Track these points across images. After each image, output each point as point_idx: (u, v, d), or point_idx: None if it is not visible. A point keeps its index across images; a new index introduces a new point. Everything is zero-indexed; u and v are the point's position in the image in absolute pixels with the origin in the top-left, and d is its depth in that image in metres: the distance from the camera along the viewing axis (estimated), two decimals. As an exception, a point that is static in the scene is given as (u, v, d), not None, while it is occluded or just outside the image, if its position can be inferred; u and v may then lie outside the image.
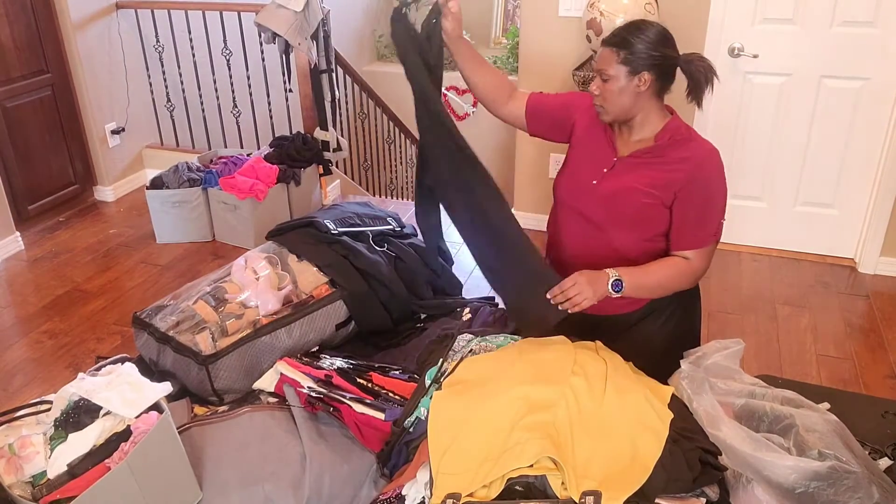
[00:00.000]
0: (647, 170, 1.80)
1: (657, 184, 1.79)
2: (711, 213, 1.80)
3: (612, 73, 1.74)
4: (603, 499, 1.33)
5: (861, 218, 3.33)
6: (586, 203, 1.88)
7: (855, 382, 2.59)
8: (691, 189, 1.77)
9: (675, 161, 1.78)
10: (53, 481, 1.56)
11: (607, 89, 1.76)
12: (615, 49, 1.73)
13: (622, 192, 1.81)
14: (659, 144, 1.80)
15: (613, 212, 1.84)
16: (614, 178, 1.83)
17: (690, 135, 1.83)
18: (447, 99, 6.08)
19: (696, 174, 1.77)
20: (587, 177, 1.87)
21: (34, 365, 2.75)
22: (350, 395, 1.87)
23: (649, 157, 1.80)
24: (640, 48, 1.72)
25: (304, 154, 3.85)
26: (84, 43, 3.97)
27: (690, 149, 1.79)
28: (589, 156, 1.90)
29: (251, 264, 2.34)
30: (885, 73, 3.07)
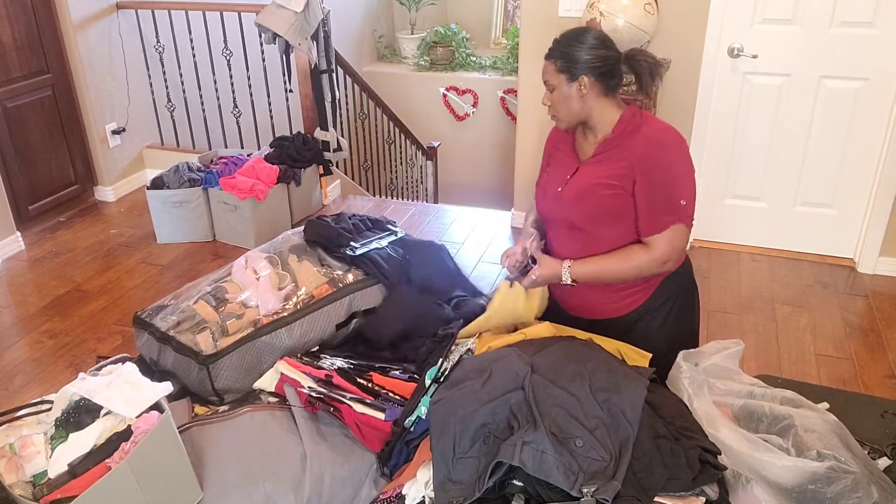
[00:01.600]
0: (607, 163, 1.84)
1: (616, 174, 1.81)
2: (670, 194, 1.79)
3: (553, 83, 1.83)
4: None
5: (860, 218, 3.34)
6: (559, 211, 1.94)
7: (854, 382, 2.59)
8: (645, 172, 1.78)
9: (630, 149, 1.81)
10: (54, 481, 1.56)
11: (553, 98, 1.86)
12: (552, 60, 1.83)
13: (585, 191, 1.85)
14: (615, 135, 1.84)
15: (585, 212, 1.87)
16: (576, 181, 1.89)
17: (643, 120, 1.84)
18: (447, 99, 6.08)
19: (648, 156, 1.78)
20: (554, 186, 1.95)
21: (35, 365, 2.76)
22: (350, 395, 1.87)
23: (608, 151, 1.85)
24: (574, 55, 1.80)
25: (305, 154, 3.85)
26: (84, 43, 3.97)
27: (642, 133, 1.81)
28: (555, 168, 1.99)
29: (251, 264, 2.34)
30: (885, 73, 3.07)
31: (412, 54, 6.34)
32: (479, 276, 3.33)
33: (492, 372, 1.67)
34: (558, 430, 1.48)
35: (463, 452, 1.52)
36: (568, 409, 1.53)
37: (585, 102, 1.83)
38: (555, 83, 1.83)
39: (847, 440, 1.57)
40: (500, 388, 1.61)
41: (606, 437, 1.48)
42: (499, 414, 1.55)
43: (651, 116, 1.89)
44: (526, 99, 3.63)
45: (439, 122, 6.16)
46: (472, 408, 1.58)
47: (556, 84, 1.83)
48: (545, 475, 1.41)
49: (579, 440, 1.46)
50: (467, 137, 6.17)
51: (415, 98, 6.13)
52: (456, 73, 6.09)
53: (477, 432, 1.54)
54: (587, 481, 1.39)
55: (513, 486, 1.46)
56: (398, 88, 6.12)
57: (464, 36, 6.22)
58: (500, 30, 6.51)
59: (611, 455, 1.45)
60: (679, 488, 1.45)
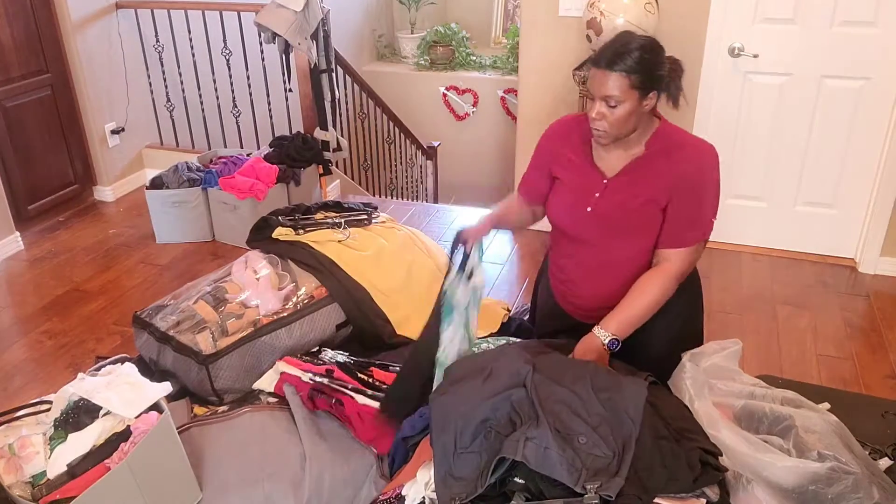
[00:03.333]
0: (640, 181, 1.78)
1: (651, 193, 1.77)
2: (703, 213, 1.79)
3: (622, 99, 1.66)
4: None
5: (861, 218, 3.33)
6: (585, 230, 1.87)
7: (855, 382, 2.59)
8: (685, 189, 1.75)
9: (667, 167, 1.76)
10: (53, 481, 1.56)
11: (615, 115, 1.68)
12: (627, 74, 1.64)
13: (618, 211, 1.81)
14: (649, 152, 1.78)
15: (613, 230, 1.83)
16: (607, 200, 1.82)
17: (683, 139, 1.80)
18: (447, 99, 6.08)
19: (690, 174, 1.75)
20: (581, 205, 1.85)
21: (34, 365, 2.75)
22: (352, 386, 1.87)
23: (642, 168, 1.78)
24: (654, 69, 1.66)
25: (304, 154, 3.85)
26: (84, 43, 3.96)
27: (686, 149, 1.77)
28: (577, 184, 1.87)
29: (251, 264, 2.34)
30: (885, 73, 3.07)
31: (412, 54, 6.34)
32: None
33: (492, 370, 1.67)
34: (561, 426, 1.48)
35: (464, 448, 1.52)
36: (570, 406, 1.53)
37: (642, 118, 1.73)
38: (624, 99, 1.66)
39: (848, 441, 1.57)
40: (501, 385, 1.60)
41: (609, 435, 1.47)
42: (500, 410, 1.55)
43: (685, 131, 1.83)
44: (526, 98, 3.62)
45: (439, 121, 6.15)
46: (473, 403, 1.58)
47: (625, 100, 1.66)
48: (548, 471, 1.41)
49: (582, 437, 1.46)
50: (467, 137, 6.16)
51: (415, 98, 6.13)
52: (456, 72, 6.08)
53: (478, 427, 1.53)
54: (590, 478, 1.39)
55: (514, 483, 1.46)
56: (398, 88, 6.12)
57: (464, 35, 6.21)
58: (500, 29, 6.50)
59: (614, 452, 1.44)
60: (680, 489, 1.44)
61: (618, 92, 1.65)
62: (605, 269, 1.89)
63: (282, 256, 2.36)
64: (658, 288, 1.78)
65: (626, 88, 1.65)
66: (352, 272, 2.28)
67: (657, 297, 1.79)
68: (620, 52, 1.65)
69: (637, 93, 1.66)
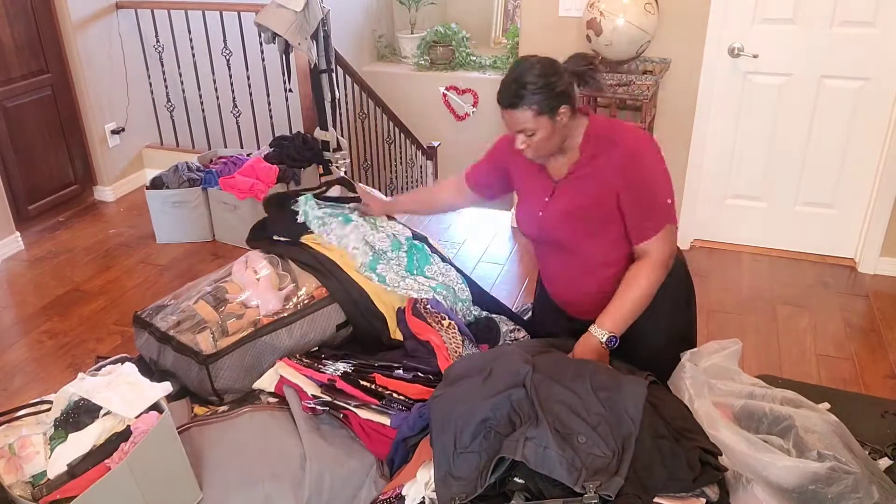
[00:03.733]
0: (584, 183, 1.82)
1: (598, 192, 1.80)
2: (655, 199, 1.80)
3: (533, 128, 1.72)
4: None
5: (861, 218, 3.33)
6: (544, 233, 1.93)
7: (855, 382, 2.59)
8: (628, 185, 1.78)
9: (606, 166, 1.79)
10: (53, 481, 1.56)
11: (536, 141, 1.75)
12: (525, 107, 1.69)
13: (569, 213, 1.85)
14: (585, 156, 1.82)
15: (571, 231, 1.87)
16: (556, 203, 1.87)
17: (612, 133, 1.81)
18: (447, 99, 6.07)
19: (629, 169, 1.77)
20: (534, 210, 1.92)
21: (34, 365, 2.75)
22: (355, 403, 1.87)
23: (583, 171, 1.82)
24: (548, 91, 1.69)
25: (304, 154, 3.85)
26: (84, 43, 3.96)
27: (617, 147, 1.79)
28: (530, 190, 1.95)
29: (252, 264, 2.34)
30: (885, 73, 3.07)
31: (412, 54, 6.34)
32: (479, 276, 3.32)
33: (492, 370, 1.67)
34: (561, 426, 1.48)
35: (464, 447, 1.52)
36: (570, 405, 1.53)
37: (564, 129, 1.77)
38: (535, 127, 1.72)
39: (848, 440, 1.57)
40: (501, 385, 1.61)
41: (609, 434, 1.48)
42: (500, 410, 1.55)
43: (616, 123, 1.86)
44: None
45: (439, 121, 6.15)
46: (472, 403, 1.58)
47: (538, 127, 1.72)
48: (548, 470, 1.41)
49: (582, 436, 1.46)
50: (467, 137, 6.16)
51: (415, 98, 6.13)
52: (456, 72, 6.08)
53: (478, 427, 1.53)
54: (590, 477, 1.39)
55: (514, 483, 1.46)
56: (398, 88, 6.12)
57: (464, 35, 6.21)
58: (500, 29, 6.50)
59: (613, 452, 1.45)
60: (679, 489, 1.45)
61: (529, 125, 1.72)
62: (579, 267, 1.93)
63: (282, 256, 2.36)
64: (645, 279, 1.80)
65: (533, 118, 1.71)
66: (353, 273, 2.28)
67: (646, 288, 1.81)
68: (515, 89, 1.70)
69: (546, 116, 1.71)
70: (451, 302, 2.34)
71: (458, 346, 2.09)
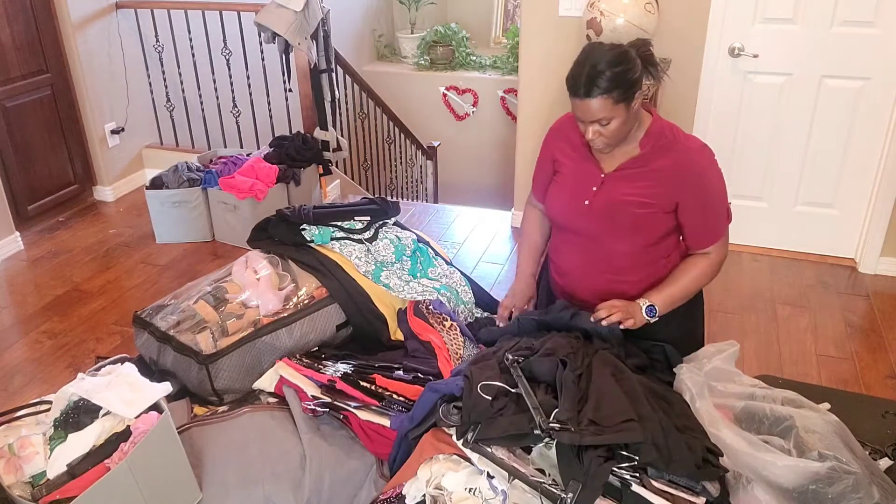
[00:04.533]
0: (638, 180, 1.80)
1: (650, 192, 1.79)
2: (716, 205, 1.83)
3: (610, 116, 1.68)
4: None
5: (861, 218, 3.33)
6: (582, 223, 1.89)
7: (855, 382, 2.59)
8: (689, 193, 1.78)
9: (664, 168, 1.77)
10: (53, 481, 1.56)
11: (610, 130, 1.71)
12: (606, 95, 1.65)
13: (616, 206, 1.81)
14: (644, 153, 1.79)
15: (611, 226, 1.84)
16: (605, 194, 1.83)
17: (674, 136, 1.80)
18: (447, 99, 6.08)
19: (690, 177, 1.77)
20: (579, 198, 1.87)
21: (34, 365, 2.75)
22: (354, 405, 1.86)
23: (637, 167, 1.80)
24: (628, 78, 1.66)
25: (304, 154, 3.85)
26: (84, 43, 3.96)
27: (677, 152, 1.78)
28: (575, 178, 1.89)
29: (252, 264, 2.34)
30: (885, 73, 3.07)
31: (412, 54, 6.34)
32: (479, 275, 3.32)
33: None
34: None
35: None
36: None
37: (634, 119, 1.74)
38: (611, 116, 1.67)
39: (848, 440, 1.57)
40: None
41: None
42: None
43: (676, 126, 1.84)
44: (526, 98, 3.62)
45: (439, 121, 6.16)
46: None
47: (614, 116, 1.67)
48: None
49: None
50: (467, 137, 6.16)
51: (415, 98, 6.13)
52: (456, 72, 6.08)
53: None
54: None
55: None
56: (398, 88, 6.12)
57: (464, 35, 6.21)
58: (500, 29, 6.50)
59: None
60: (681, 471, 1.45)
61: (605, 113, 1.67)
62: (601, 264, 1.90)
63: (282, 257, 2.36)
64: (701, 272, 1.85)
65: (612, 107, 1.67)
66: (355, 275, 2.28)
67: (699, 281, 1.86)
68: (592, 77, 1.65)
69: (623, 104, 1.68)
70: (453, 303, 2.34)
71: (459, 348, 2.08)
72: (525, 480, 1.46)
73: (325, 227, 2.39)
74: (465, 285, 2.45)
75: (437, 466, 1.58)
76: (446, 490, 1.54)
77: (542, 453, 1.53)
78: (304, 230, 2.37)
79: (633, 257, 1.86)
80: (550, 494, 1.42)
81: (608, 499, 1.42)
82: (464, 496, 1.51)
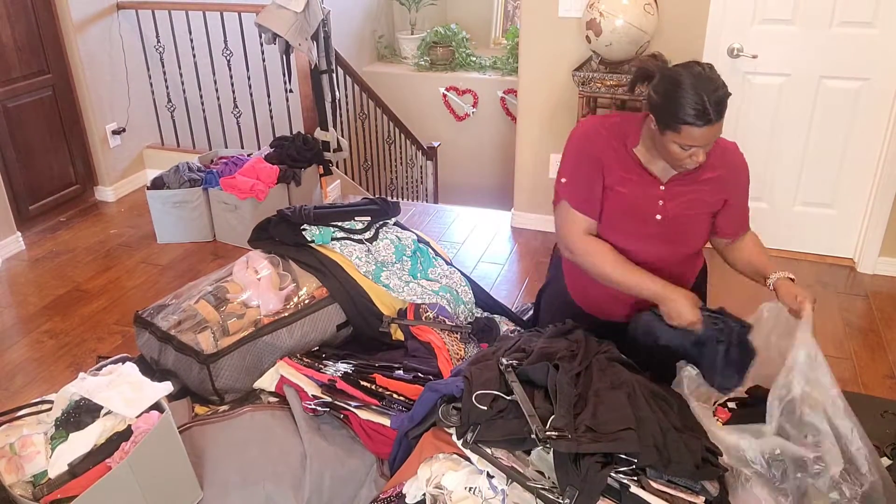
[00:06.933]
0: (696, 188, 1.85)
1: (707, 199, 1.87)
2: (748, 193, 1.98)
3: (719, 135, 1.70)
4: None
5: (860, 218, 3.34)
6: (649, 237, 1.86)
7: (854, 382, 2.59)
8: (738, 189, 1.92)
9: (713, 174, 1.85)
10: (54, 481, 1.57)
11: (709, 149, 1.72)
12: (722, 119, 1.65)
13: (690, 217, 1.87)
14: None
15: (675, 237, 1.88)
16: (675, 207, 1.85)
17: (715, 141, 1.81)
18: (447, 99, 6.08)
19: (736, 179, 1.90)
20: (649, 213, 1.84)
21: (35, 365, 2.76)
22: (355, 404, 1.87)
23: (691, 176, 1.84)
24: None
25: (305, 154, 3.85)
26: (85, 43, 3.97)
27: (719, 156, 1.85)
28: (636, 194, 1.83)
29: (252, 264, 2.34)
30: (885, 73, 3.07)
31: (412, 54, 6.34)
32: (479, 276, 3.32)
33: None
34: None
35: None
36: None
37: None
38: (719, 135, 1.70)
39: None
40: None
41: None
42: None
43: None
44: (526, 99, 3.63)
45: (439, 122, 6.16)
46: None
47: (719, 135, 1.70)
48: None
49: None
50: (467, 137, 6.17)
51: (415, 98, 6.13)
52: (456, 73, 6.09)
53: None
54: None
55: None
56: (398, 88, 6.12)
57: (464, 36, 6.22)
58: (500, 30, 6.51)
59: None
60: (681, 473, 1.45)
61: (719, 134, 1.69)
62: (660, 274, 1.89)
63: (283, 257, 2.37)
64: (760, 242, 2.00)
65: (721, 127, 1.69)
66: (356, 275, 2.29)
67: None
68: (723, 99, 1.64)
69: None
70: (454, 305, 2.35)
71: (459, 349, 2.09)
72: (523, 484, 1.46)
73: (326, 227, 2.39)
74: (465, 285, 2.46)
75: (437, 465, 1.59)
76: (446, 489, 1.54)
77: (541, 455, 1.53)
78: (305, 230, 2.37)
79: (675, 263, 1.92)
80: (548, 500, 1.42)
81: (607, 499, 1.42)
82: (463, 495, 1.52)
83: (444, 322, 2.19)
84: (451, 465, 1.58)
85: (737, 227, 1.97)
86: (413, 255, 2.45)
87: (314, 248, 2.36)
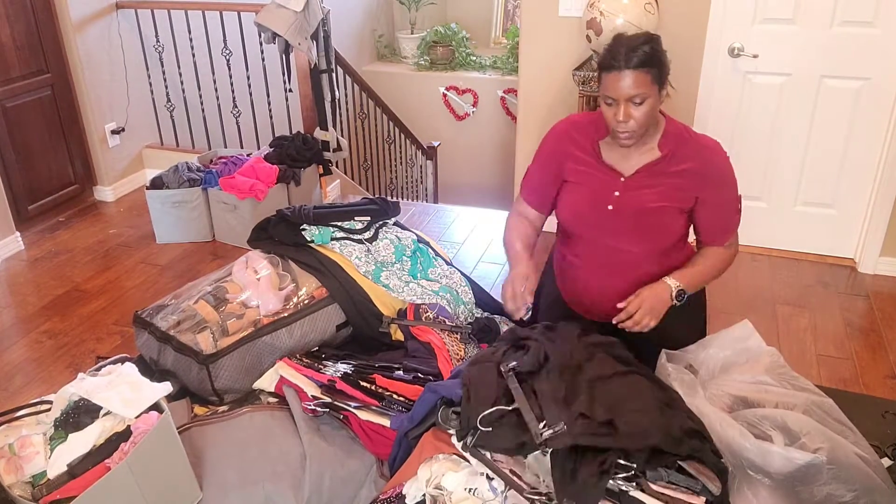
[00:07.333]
0: (660, 183, 1.80)
1: (671, 194, 1.81)
2: (732, 200, 1.89)
3: (647, 94, 1.66)
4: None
5: (861, 218, 3.33)
6: (604, 228, 1.86)
7: (855, 382, 2.59)
8: (712, 190, 1.82)
9: (684, 167, 1.79)
10: (53, 481, 1.56)
11: (642, 112, 1.68)
12: (646, 69, 1.64)
13: (646, 212, 1.82)
14: (665, 154, 1.80)
15: (636, 229, 1.85)
16: (629, 198, 1.82)
17: (690, 135, 1.82)
18: (447, 99, 6.08)
19: (714, 176, 1.81)
20: (601, 203, 1.84)
21: (34, 365, 2.75)
22: (355, 405, 1.87)
23: (660, 170, 1.80)
24: (664, 60, 1.67)
25: (304, 154, 3.85)
26: (84, 43, 3.96)
27: (698, 152, 1.80)
28: (592, 183, 1.86)
29: (252, 264, 2.34)
30: (885, 73, 3.07)
31: (412, 54, 6.34)
32: (479, 276, 3.32)
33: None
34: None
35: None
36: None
37: (656, 114, 1.75)
38: (648, 94, 1.66)
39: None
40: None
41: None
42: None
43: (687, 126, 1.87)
44: (526, 98, 3.62)
45: (439, 121, 6.16)
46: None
47: (649, 95, 1.66)
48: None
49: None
50: (467, 137, 6.16)
51: (415, 98, 6.13)
52: (456, 72, 6.08)
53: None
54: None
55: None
56: (398, 88, 6.12)
57: (464, 35, 6.21)
58: (500, 29, 6.50)
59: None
60: (670, 445, 1.46)
61: (643, 89, 1.65)
62: (614, 269, 1.90)
63: (282, 257, 2.37)
64: (721, 260, 1.90)
65: (649, 84, 1.66)
66: (355, 275, 2.28)
67: (718, 268, 1.91)
68: (633, 48, 1.64)
69: (656, 87, 1.68)
70: (454, 306, 2.34)
71: (459, 349, 2.09)
72: (520, 492, 1.46)
73: (326, 227, 2.39)
74: (464, 286, 2.45)
75: (437, 466, 1.58)
76: (446, 490, 1.54)
77: (537, 458, 1.53)
78: (305, 230, 2.37)
79: (643, 262, 1.87)
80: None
81: (607, 500, 1.42)
82: (463, 496, 1.52)
83: (443, 322, 2.18)
84: (451, 465, 1.58)
85: (708, 235, 1.90)
86: (413, 255, 2.44)
87: (314, 248, 2.35)
